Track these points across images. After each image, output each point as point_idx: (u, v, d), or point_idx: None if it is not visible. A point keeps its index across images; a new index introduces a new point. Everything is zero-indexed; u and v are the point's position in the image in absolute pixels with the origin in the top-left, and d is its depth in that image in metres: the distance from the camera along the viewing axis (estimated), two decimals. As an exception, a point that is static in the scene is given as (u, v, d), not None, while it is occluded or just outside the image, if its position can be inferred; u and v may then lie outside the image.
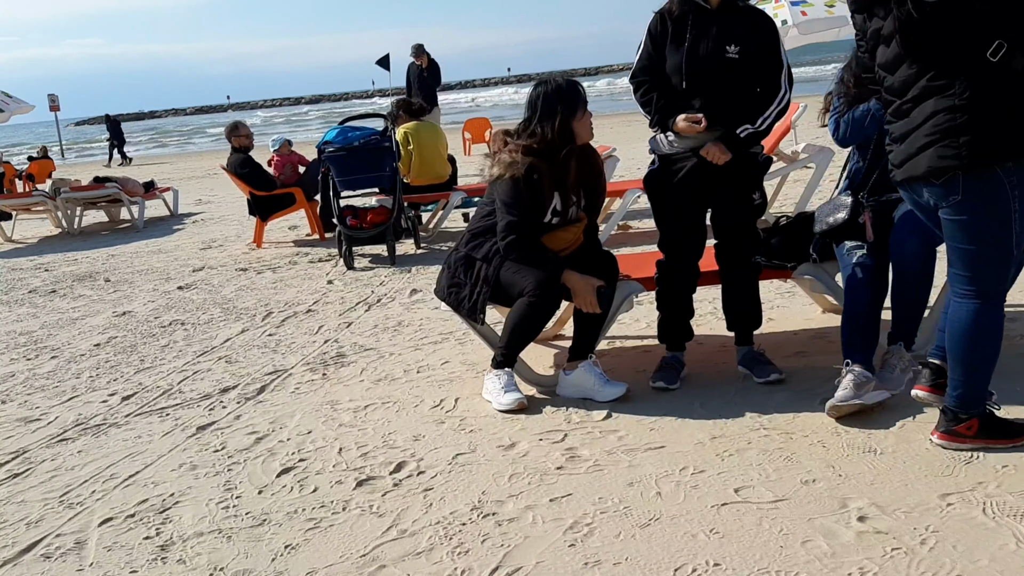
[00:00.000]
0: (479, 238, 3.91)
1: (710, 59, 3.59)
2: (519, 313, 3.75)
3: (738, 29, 3.59)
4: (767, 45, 3.65)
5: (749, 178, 3.75)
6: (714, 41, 3.59)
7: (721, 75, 3.59)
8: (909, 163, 2.81)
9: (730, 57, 3.58)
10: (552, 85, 3.79)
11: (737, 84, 3.62)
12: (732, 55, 3.58)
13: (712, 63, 3.59)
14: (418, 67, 12.59)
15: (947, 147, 2.69)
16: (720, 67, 3.59)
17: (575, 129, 3.75)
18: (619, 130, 19.20)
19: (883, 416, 3.34)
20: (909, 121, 2.78)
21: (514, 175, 3.76)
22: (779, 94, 3.66)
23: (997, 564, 2.37)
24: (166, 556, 2.81)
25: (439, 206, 8.62)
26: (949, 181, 2.73)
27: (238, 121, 9.40)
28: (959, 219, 2.79)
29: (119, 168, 23.23)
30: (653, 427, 3.47)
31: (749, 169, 3.74)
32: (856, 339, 3.45)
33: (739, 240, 3.80)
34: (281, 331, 5.49)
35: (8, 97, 14.17)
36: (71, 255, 9.51)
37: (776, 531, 2.63)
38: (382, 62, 15.06)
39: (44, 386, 4.78)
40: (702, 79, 3.61)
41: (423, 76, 12.56)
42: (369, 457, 3.43)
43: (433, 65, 12.69)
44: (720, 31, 3.59)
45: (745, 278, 3.89)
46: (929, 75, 2.71)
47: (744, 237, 3.81)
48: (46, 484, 3.45)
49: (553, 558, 2.59)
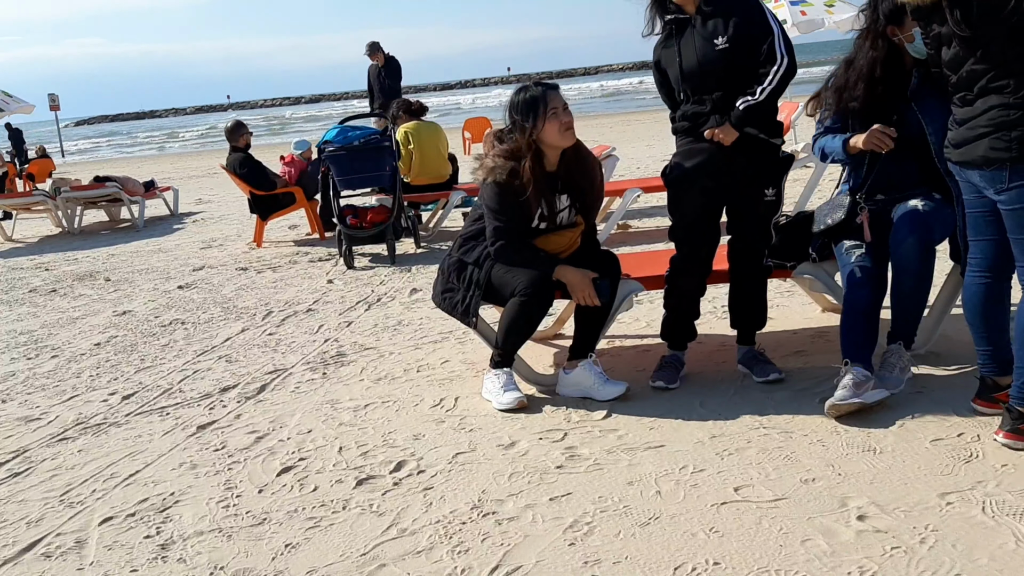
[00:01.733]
0: (471, 242, 3.92)
1: (704, 58, 3.60)
2: (512, 313, 3.75)
3: (720, 20, 3.58)
4: (752, 20, 3.59)
5: (766, 173, 3.72)
6: (702, 39, 3.60)
7: (720, 70, 3.58)
8: (966, 147, 2.93)
9: (721, 48, 3.57)
10: (521, 94, 3.78)
11: (739, 72, 3.59)
12: (722, 46, 3.56)
13: (707, 62, 3.59)
14: (376, 67, 11.78)
15: (999, 139, 2.82)
16: (715, 61, 3.58)
17: (541, 137, 3.74)
18: (619, 130, 19.21)
19: (882, 415, 3.34)
20: (972, 109, 2.91)
21: (497, 180, 3.77)
22: (777, 61, 3.55)
23: (996, 563, 2.38)
24: (166, 555, 2.81)
25: (439, 205, 8.63)
26: (998, 171, 2.86)
27: (238, 120, 9.40)
28: (1013, 209, 2.88)
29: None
30: (653, 426, 3.48)
31: (766, 163, 3.71)
32: (855, 338, 3.45)
33: (753, 238, 3.78)
34: (281, 330, 5.49)
35: (8, 97, 14.18)
36: (71, 254, 9.51)
37: (776, 530, 2.63)
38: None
39: (44, 385, 4.78)
40: (703, 81, 3.61)
41: (381, 76, 11.72)
42: (369, 456, 3.43)
43: (391, 63, 11.79)
44: (704, 30, 3.60)
45: (756, 278, 3.88)
46: (989, 74, 2.83)
47: (758, 235, 3.79)
48: (46, 483, 3.45)
49: (553, 557, 2.59)
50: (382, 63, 11.64)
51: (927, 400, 3.45)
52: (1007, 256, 3.00)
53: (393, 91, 11.45)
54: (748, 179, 3.69)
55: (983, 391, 3.28)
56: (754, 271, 3.86)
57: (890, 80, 3.51)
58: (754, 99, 3.56)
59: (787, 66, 3.58)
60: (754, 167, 3.69)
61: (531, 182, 3.74)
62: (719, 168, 3.66)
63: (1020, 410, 2.99)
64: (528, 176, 3.74)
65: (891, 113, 3.55)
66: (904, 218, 3.48)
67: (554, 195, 3.83)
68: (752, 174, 3.69)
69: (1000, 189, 2.88)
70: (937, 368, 3.78)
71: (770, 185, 3.74)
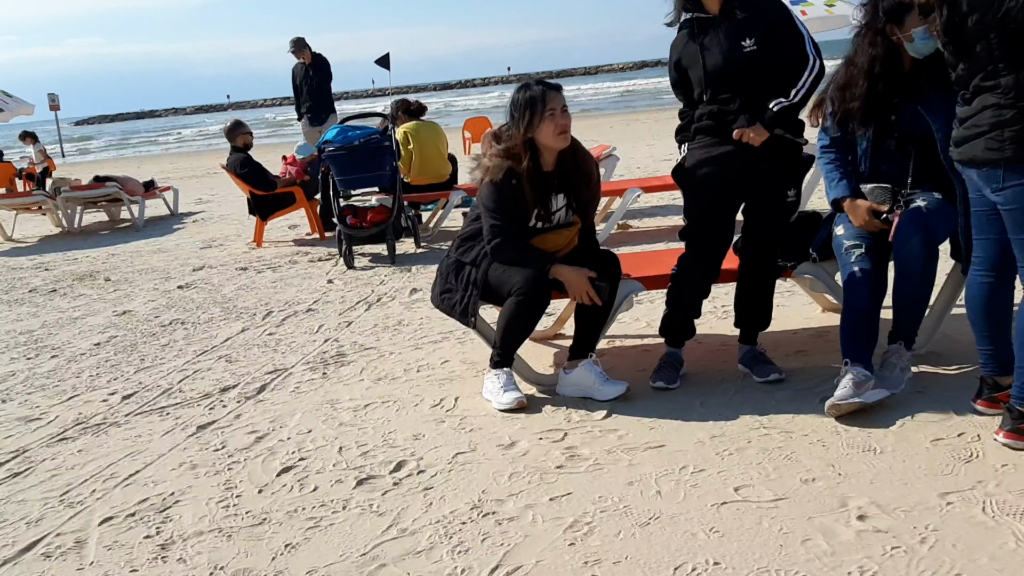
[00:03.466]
0: (468, 242, 3.92)
1: (729, 60, 3.57)
2: (509, 312, 3.75)
3: (747, 22, 3.56)
4: (780, 25, 3.59)
5: (789, 173, 3.71)
6: (728, 41, 3.58)
7: (746, 72, 3.57)
8: (966, 145, 2.95)
9: (749, 51, 3.55)
10: (522, 92, 3.78)
11: (765, 76, 3.57)
12: (750, 48, 3.55)
13: (733, 63, 3.57)
14: (302, 65, 10.74)
15: (993, 139, 2.84)
16: (742, 64, 3.56)
17: (536, 137, 3.75)
18: (619, 130, 19.21)
19: (883, 415, 3.34)
20: (970, 108, 2.93)
21: (493, 179, 3.78)
22: (808, 63, 3.57)
23: (996, 563, 2.38)
24: (166, 555, 2.81)
25: (439, 205, 8.63)
26: (993, 171, 2.87)
27: (236, 120, 9.39)
28: (1010, 209, 2.89)
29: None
30: (653, 426, 3.48)
31: (790, 164, 3.70)
32: (855, 338, 3.45)
33: (768, 239, 3.77)
34: (281, 330, 5.49)
35: (8, 97, 14.18)
36: (71, 254, 9.51)
37: (776, 530, 2.63)
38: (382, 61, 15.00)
39: (44, 385, 4.78)
40: (728, 82, 3.60)
41: (309, 76, 10.72)
42: (369, 456, 3.43)
43: (319, 61, 10.76)
44: (730, 30, 3.58)
45: (766, 279, 3.87)
46: (980, 74, 2.85)
47: (774, 237, 3.78)
48: (46, 483, 3.45)
49: (553, 557, 2.59)
50: (309, 61, 10.71)
51: (927, 400, 3.45)
52: (1010, 255, 3.00)
53: (323, 92, 10.74)
54: (772, 180, 3.68)
55: (984, 391, 3.28)
56: (766, 272, 3.86)
57: (890, 78, 3.51)
58: (788, 101, 3.57)
59: (819, 68, 3.60)
60: (778, 168, 3.67)
61: (528, 181, 3.74)
62: (742, 169, 3.65)
63: (1021, 410, 2.99)
64: (524, 175, 3.74)
65: (890, 112, 3.55)
66: (908, 218, 3.47)
67: (550, 194, 3.83)
68: (776, 175, 3.68)
69: (996, 189, 2.89)
70: (937, 368, 3.78)
71: (792, 186, 3.73)
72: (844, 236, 3.60)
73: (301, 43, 10.65)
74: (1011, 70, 2.77)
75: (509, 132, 3.80)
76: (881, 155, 3.61)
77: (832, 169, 3.72)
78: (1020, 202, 2.84)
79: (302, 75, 10.72)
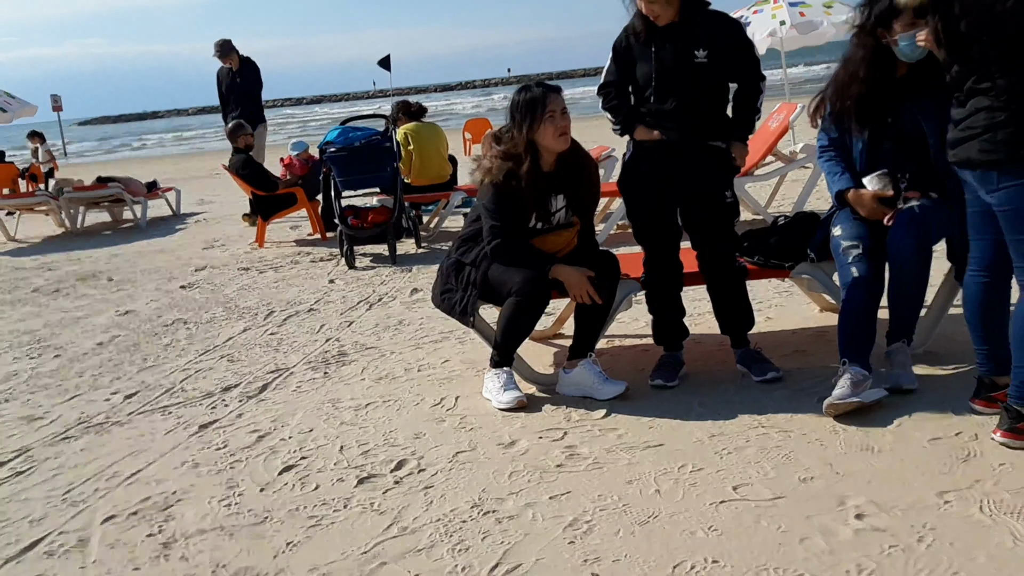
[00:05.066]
0: (468, 243, 3.94)
1: (679, 65, 3.66)
2: (508, 312, 3.77)
3: (704, 34, 3.65)
4: (732, 38, 3.73)
5: (719, 177, 3.80)
6: (682, 47, 3.65)
7: (692, 80, 3.66)
8: (960, 147, 2.96)
9: (699, 61, 3.64)
10: (523, 93, 3.81)
11: (708, 87, 3.69)
12: (701, 59, 3.64)
13: (681, 69, 3.65)
14: (228, 69, 10.15)
15: (987, 141, 2.85)
16: (690, 72, 3.65)
17: (536, 139, 3.76)
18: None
19: (880, 414, 3.35)
20: (964, 110, 2.94)
21: (494, 181, 3.79)
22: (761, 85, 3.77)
23: (994, 562, 2.39)
24: (168, 554, 2.83)
25: (440, 206, 8.65)
26: (987, 172, 2.89)
27: (238, 121, 9.40)
28: (1004, 210, 2.90)
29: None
30: (652, 425, 3.49)
31: (719, 167, 3.79)
32: (853, 338, 3.46)
33: (716, 243, 3.85)
34: (283, 330, 5.51)
35: (11, 98, 14.19)
36: (74, 254, 9.53)
37: (774, 528, 2.64)
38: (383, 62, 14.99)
39: (47, 385, 4.80)
40: (672, 85, 3.68)
41: (236, 81, 10.11)
42: (370, 455, 3.45)
43: (247, 66, 10.14)
44: (686, 38, 3.65)
45: (730, 283, 3.92)
46: (974, 76, 2.86)
47: (721, 240, 3.85)
48: (49, 482, 3.47)
49: (553, 555, 2.61)
50: (236, 66, 10.10)
51: (925, 399, 3.46)
52: (1006, 256, 3.01)
53: (251, 97, 10.14)
54: (705, 179, 3.77)
55: (981, 390, 3.29)
56: (727, 277, 3.90)
57: (882, 79, 3.52)
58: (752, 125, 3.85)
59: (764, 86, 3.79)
60: (712, 167, 3.77)
61: (528, 183, 3.76)
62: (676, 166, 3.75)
63: (1018, 409, 3.00)
64: (525, 176, 3.76)
65: (886, 114, 3.56)
66: (903, 218, 3.49)
67: (550, 195, 3.85)
68: (709, 173, 3.77)
69: (990, 190, 2.90)
70: (935, 368, 3.79)
71: (727, 188, 3.82)
72: (842, 237, 3.62)
73: (228, 46, 10.08)
74: (1004, 73, 2.78)
75: (509, 134, 3.82)
76: (877, 157, 3.62)
77: (833, 165, 3.73)
78: (1014, 203, 2.85)
79: (228, 81, 10.17)
